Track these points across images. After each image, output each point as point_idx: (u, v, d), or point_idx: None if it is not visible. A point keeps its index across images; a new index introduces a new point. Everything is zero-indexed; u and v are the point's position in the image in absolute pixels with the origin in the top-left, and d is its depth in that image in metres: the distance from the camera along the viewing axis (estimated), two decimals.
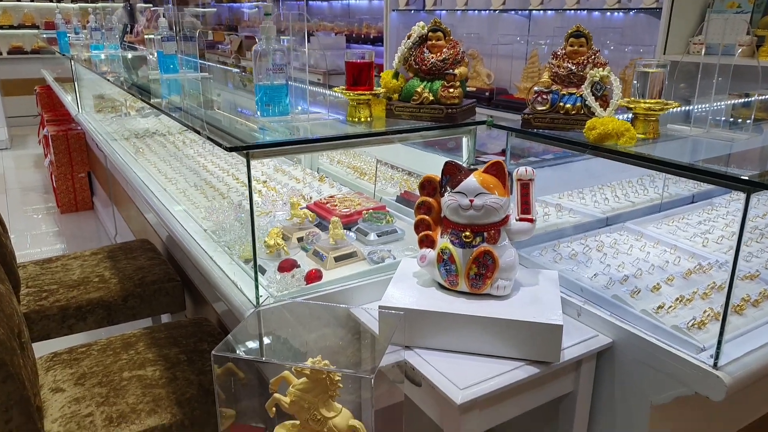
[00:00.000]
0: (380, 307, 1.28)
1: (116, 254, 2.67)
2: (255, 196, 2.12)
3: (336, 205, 1.86)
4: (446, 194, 1.31)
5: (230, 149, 1.21)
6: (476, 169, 1.31)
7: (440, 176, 1.34)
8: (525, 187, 1.30)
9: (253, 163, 1.21)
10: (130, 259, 2.61)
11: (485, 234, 1.29)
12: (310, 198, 2.04)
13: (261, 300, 1.35)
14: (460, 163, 1.33)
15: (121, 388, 1.66)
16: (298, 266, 1.51)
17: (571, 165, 2.28)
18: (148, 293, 2.35)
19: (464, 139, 1.62)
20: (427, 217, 1.37)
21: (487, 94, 4.49)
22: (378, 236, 1.72)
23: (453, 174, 1.32)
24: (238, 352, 1.28)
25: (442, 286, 1.36)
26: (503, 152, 2.04)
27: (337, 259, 1.57)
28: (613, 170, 2.28)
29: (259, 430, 1.36)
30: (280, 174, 2.37)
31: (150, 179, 2.41)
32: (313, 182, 2.26)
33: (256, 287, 1.35)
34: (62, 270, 2.48)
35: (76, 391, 1.65)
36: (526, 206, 1.30)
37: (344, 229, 1.67)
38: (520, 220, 1.30)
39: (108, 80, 2.63)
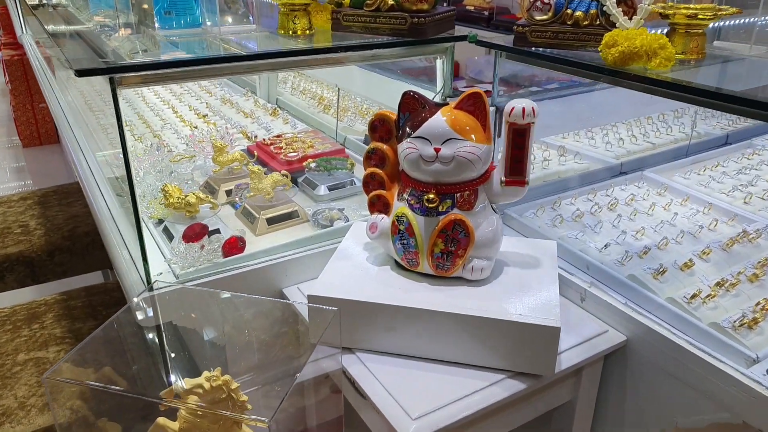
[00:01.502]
0: (310, 296, 0.93)
1: (49, 199, 2.31)
2: (187, 131, 1.73)
3: (281, 147, 1.48)
4: (404, 140, 0.93)
5: (81, 73, 0.83)
6: (446, 104, 0.93)
7: (397, 112, 0.96)
8: (520, 135, 0.90)
9: (185, 90, 0.82)
10: (64, 206, 2.25)
11: (456, 196, 0.92)
12: (255, 137, 1.65)
13: (153, 281, 1.00)
14: (424, 95, 0.94)
15: (11, 376, 1.34)
16: (215, 232, 1.15)
17: (579, 97, 1.87)
18: (78, 247, 2.01)
19: (438, 62, 1.21)
20: (379, 171, 0.99)
21: (486, 14, 3.99)
22: (330, 189, 1.35)
23: (413, 110, 0.93)
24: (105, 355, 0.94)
25: (399, 264, 1.00)
26: (507, 83, 1.63)
27: (272, 221, 1.21)
28: (630, 104, 1.88)
29: None
30: (227, 107, 1.98)
31: (75, 113, 2.02)
32: (264, 117, 1.86)
33: (145, 263, 1.00)
34: None
35: None
36: (518, 165, 0.91)
37: (291, 179, 1.30)
38: (508, 182, 0.92)
39: None
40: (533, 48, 1.07)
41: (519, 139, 0.90)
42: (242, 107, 1.94)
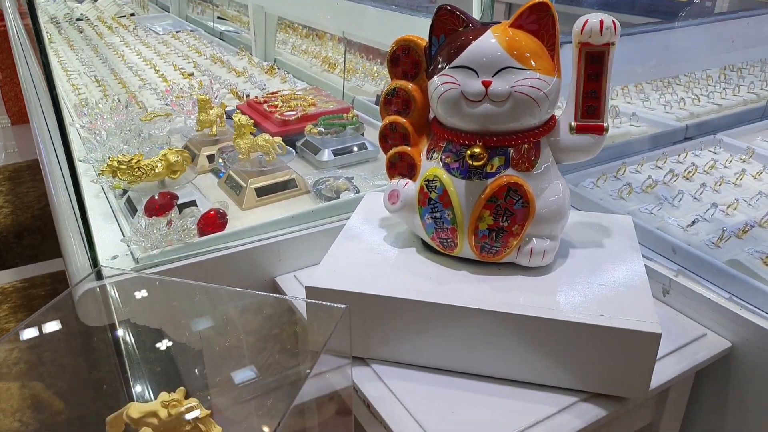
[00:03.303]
0: (308, 289, 0.69)
1: (21, 175, 2.08)
2: (162, 85, 1.47)
3: (277, 105, 1.23)
4: (437, 73, 0.67)
5: None
6: (496, 23, 0.67)
7: (428, 37, 0.70)
8: (596, 60, 0.65)
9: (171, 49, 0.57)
10: (38, 182, 2.02)
11: (510, 152, 0.66)
12: (246, 96, 1.40)
13: (101, 265, 0.76)
14: (467, 12, 0.68)
15: None
16: (189, 205, 0.90)
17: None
18: (51, 227, 1.77)
19: None
20: (401, 120, 0.74)
21: None
22: (336, 154, 1.10)
23: (452, 32, 0.68)
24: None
25: (428, 246, 0.75)
26: None
27: (262, 191, 0.96)
28: (684, 55, 1.59)
29: None
30: (217, 66, 1.72)
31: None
32: (258, 75, 1.60)
33: (89, 240, 0.76)
34: None
35: None
36: (594, 102, 0.67)
37: (285, 142, 1.05)
38: (581, 128, 0.67)
39: None
40: None
41: (594, 66, 0.65)
42: (234, 66, 1.68)
